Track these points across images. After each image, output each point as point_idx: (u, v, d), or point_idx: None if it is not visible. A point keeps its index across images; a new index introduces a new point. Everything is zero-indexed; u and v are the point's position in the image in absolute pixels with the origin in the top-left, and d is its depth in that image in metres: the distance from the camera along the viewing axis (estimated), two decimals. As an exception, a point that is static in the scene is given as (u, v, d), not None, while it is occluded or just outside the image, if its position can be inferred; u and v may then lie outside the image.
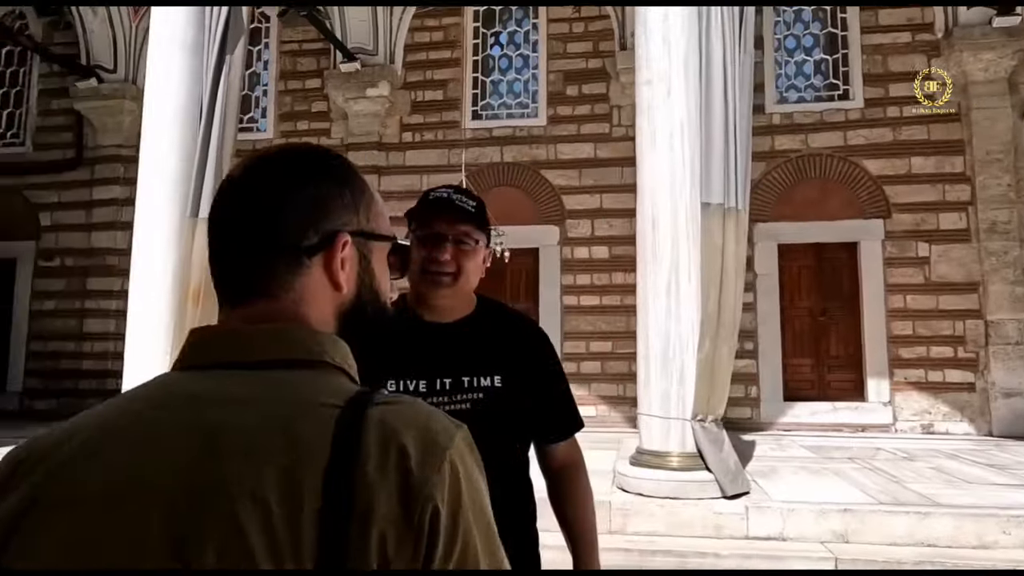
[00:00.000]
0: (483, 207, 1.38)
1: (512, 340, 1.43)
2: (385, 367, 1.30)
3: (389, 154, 9.57)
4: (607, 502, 4.81)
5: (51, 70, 10.68)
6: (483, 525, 0.59)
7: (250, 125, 10.03)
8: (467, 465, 0.59)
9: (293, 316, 0.66)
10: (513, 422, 1.37)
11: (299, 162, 0.69)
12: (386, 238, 0.75)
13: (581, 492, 1.49)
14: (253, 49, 10.15)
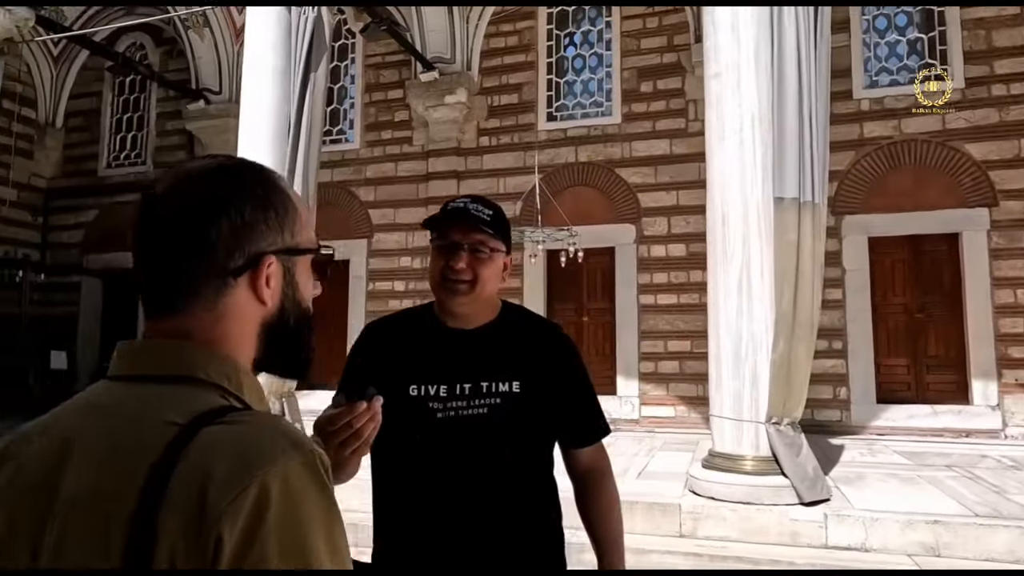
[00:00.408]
0: (500, 216, 1.38)
1: (533, 346, 1.42)
2: (409, 372, 1.34)
3: (467, 159, 9.71)
4: (676, 505, 4.68)
5: (166, 95, 11.57)
6: (294, 549, 0.55)
7: (339, 137, 10.47)
8: (289, 489, 0.56)
9: (206, 332, 0.68)
10: (531, 427, 1.36)
11: (225, 186, 0.70)
12: (309, 251, 0.76)
13: (605, 497, 1.46)
14: (340, 65, 10.59)
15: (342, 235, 10.01)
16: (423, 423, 1.31)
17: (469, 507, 1.29)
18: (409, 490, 1.33)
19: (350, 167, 10.23)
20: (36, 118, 12.17)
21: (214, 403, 0.63)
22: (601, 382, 8.93)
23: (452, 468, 1.29)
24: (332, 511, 0.60)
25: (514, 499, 1.32)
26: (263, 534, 0.54)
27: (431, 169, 9.76)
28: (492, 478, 1.31)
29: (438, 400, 1.32)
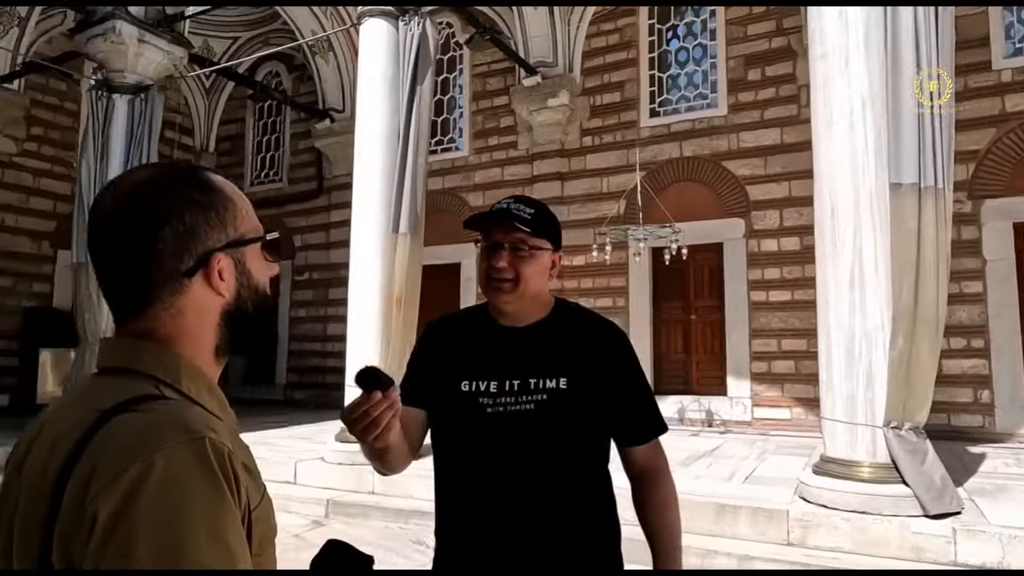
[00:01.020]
0: (542, 214, 1.37)
1: (584, 343, 1.39)
2: (461, 369, 1.36)
3: (570, 160, 9.65)
4: (784, 512, 4.38)
5: (298, 116, 12.46)
6: (159, 544, 0.56)
7: (449, 145, 10.77)
8: (168, 472, 0.58)
9: (164, 328, 0.73)
10: (579, 423, 1.33)
11: (162, 196, 0.73)
12: (255, 240, 0.80)
13: (661, 497, 1.42)
14: (450, 76, 10.90)
15: (453, 239, 10.25)
16: (474, 418, 1.32)
17: (518, 501, 1.29)
18: (461, 484, 1.35)
19: (459, 174, 10.50)
20: (193, 144, 13.56)
21: (140, 392, 0.67)
22: (710, 382, 8.55)
23: (501, 463, 1.30)
24: (216, 497, 0.60)
25: (563, 494, 1.31)
26: (133, 513, 0.56)
27: (536, 172, 9.79)
28: (540, 473, 1.30)
29: (488, 396, 1.33)
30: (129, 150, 8.36)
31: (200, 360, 0.76)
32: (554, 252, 1.39)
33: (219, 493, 0.61)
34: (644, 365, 7.27)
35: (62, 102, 11.61)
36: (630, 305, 9.04)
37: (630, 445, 1.42)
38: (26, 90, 10.96)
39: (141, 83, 8.52)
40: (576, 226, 9.34)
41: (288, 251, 12.26)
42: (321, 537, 4.81)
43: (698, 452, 6.53)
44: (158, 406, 0.66)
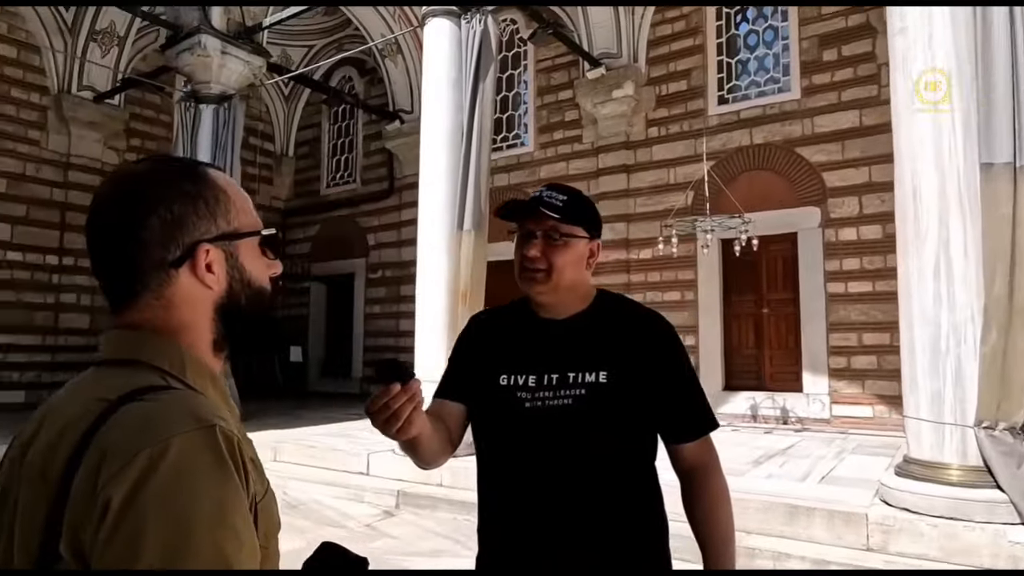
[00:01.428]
0: (576, 201, 1.31)
1: (626, 335, 1.31)
2: (500, 362, 1.32)
3: (636, 151, 9.42)
4: (863, 515, 4.11)
5: (369, 119, 12.76)
6: (169, 528, 0.57)
7: (514, 141, 10.75)
8: (178, 459, 0.59)
9: (160, 320, 0.73)
10: (619, 419, 1.26)
11: (153, 186, 0.73)
12: (248, 234, 0.78)
13: (710, 496, 1.33)
14: (514, 72, 10.86)
15: (519, 235, 10.28)
16: (512, 413, 1.27)
17: (556, 499, 1.23)
18: (501, 481, 1.31)
19: (525, 169, 10.46)
20: (274, 150, 14.15)
21: (146, 383, 0.67)
22: (784, 378, 8.16)
23: (540, 459, 1.25)
24: (226, 483, 0.61)
25: (603, 491, 1.25)
26: (143, 497, 0.57)
27: (601, 165, 9.63)
28: (579, 469, 1.24)
29: (526, 390, 1.28)
30: (215, 156, 8.78)
31: (200, 352, 0.75)
32: (591, 240, 1.33)
33: (228, 479, 0.61)
34: (714, 360, 7.03)
35: (157, 114, 12.35)
36: (699, 299, 8.74)
37: (677, 442, 1.33)
38: (126, 104, 11.73)
39: (224, 93, 8.93)
40: (643, 219, 9.13)
41: (362, 249, 12.60)
42: (392, 527, 4.90)
43: (771, 451, 6.25)
44: (166, 395, 0.66)
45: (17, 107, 10.61)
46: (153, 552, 0.56)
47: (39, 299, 10.63)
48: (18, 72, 10.65)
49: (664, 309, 8.64)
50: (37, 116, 10.82)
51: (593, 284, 1.38)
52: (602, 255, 6.39)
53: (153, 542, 0.56)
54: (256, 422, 8.29)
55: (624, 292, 9.06)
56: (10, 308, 10.26)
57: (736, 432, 7.50)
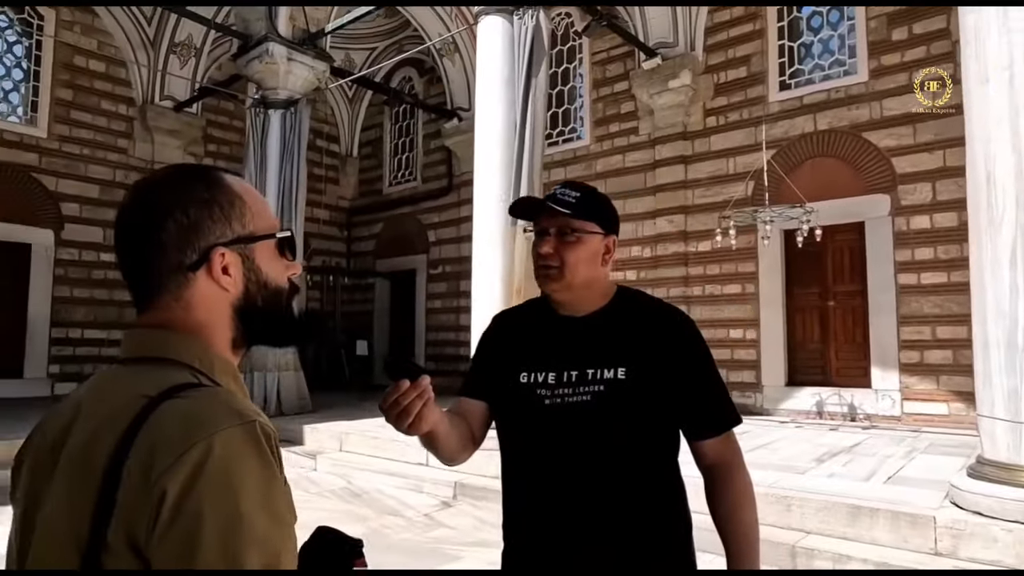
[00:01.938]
0: (588, 197, 1.29)
1: (645, 331, 1.30)
2: (520, 359, 1.32)
3: (694, 142, 9.18)
4: (930, 518, 3.89)
5: (429, 117, 12.95)
6: (224, 513, 0.61)
7: (571, 136, 10.67)
8: (225, 451, 0.62)
9: (179, 321, 0.76)
10: (638, 415, 1.25)
11: (169, 192, 0.76)
12: (263, 237, 0.80)
13: (733, 493, 1.31)
14: (569, 66, 10.78)
15: (576, 229, 10.21)
16: (532, 410, 1.27)
17: (577, 494, 1.23)
18: (523, 478, 1.31)
19: (582, 163, 10.37)
20: (339, 151, 14.57)
21: (181, 380, 0.70)
22: (852, 373, 7.80)
23: (561, 455, 1.25)
24: (267, 472, 0.65)
25: (624, 486, 1.24)
26: (199, 487, 0.61)
27: (657, 157, 9.43)
28: (599, 465, 1.24)
29: (546, 387, 1.27)
30: (282, 159, 9.12)
31: (220, 350, 0.78)
32: (606, 236, 1.31)
33: (269, 469, 0.66)
34: (776, 354, 6.80)
35: (231, 120, 12.93)
36: (760, 291, 8.45)
37: (699, 438, 1.31)
38: (203, 112, 12.34)
39: (291, 97, 9.26)
40: (701, 210, 8.90)
41: (423, 246, 12.83)
42: (449, 517, 4.99)
43: (835, 448, 5.98)
44: (203, 392, 0.69)
45: (108, 118, 11.33)
46: (211, 538, 0.60)
47: (127, 298, 11.30)
48: (108, 85, 11.37)
49: (724, 303, 8.47)
50: (125, 126, 11.52)
51: (614, 281, 1.37)
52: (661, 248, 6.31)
53: (210, 529, 0.60)
54: (323, 413, 8.60)
55: (683, 285, 8.94)
56: (105, 306, 11.00)
57: (800, 429, 7.22)
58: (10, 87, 10.41)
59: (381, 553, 4.11)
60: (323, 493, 5.65)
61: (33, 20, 10.62)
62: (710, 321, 8.83)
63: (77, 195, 10.83)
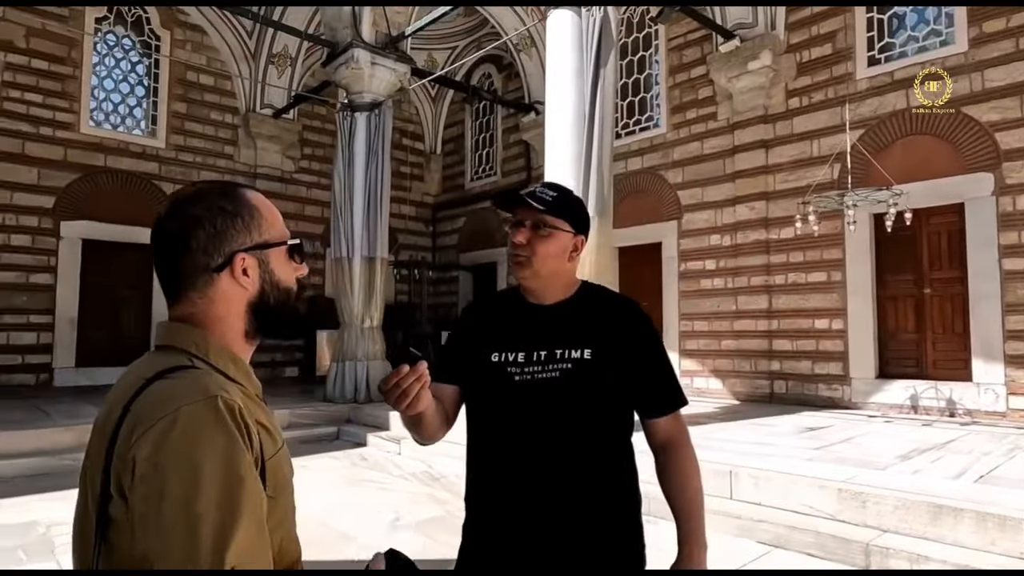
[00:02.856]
0: (564, 198, 1.41)
1: (607, 318, 1.43)
2: (490, 341, 1.44)
3: (775, 125, 8.77)
4: (1021, 520, 3.60)
5: (508, 112, 13.10)
6: (185, 477, 0.71)
7: (647, 124, 10.48)
8: (188, 422, 0.73)
9: (201, 314, 0.90)
10: (602, 391, 1.37)
11: (201, 205, 0.90)
12: (277, 244, 0.94)
13: (681, 468, 1.44)
14: (645, 54, 10.58)
15: (654, 219, 10.05)
16: (502, 386, 1.38)
17: (542, 466, 1.33)
18: (489, 450, 1.41)
19: (658, 152, 10.17)
20: (423, 149, 15.04)
21: (175, 363, 0.83)
22: (951, 366, 7.25)
23: (527, 428, 1.35)
24: (228, 439, 0.74)
25: (586, 460, 1.35)
26: (161, 453, 0.72)
27: (737, 142, 9.09)
28: (564, 439, 1.34)
29: (516, 365, 1.38)
30: (368, 158, 9.53)
31: (229, 340, 0.91)
32: (575, 235, 1.42)
33: (230, 437, 0.75)
34: (865, 345, 6.55)
35: (324, 124, 13.64)
36: (847, 279, 7.98)
37: (651, 417, 1.43)
38: (299, 118, 13.10)
39: (375, 100, 9.67)
40: (783, 196, 8.52)
41: (503, 239, 13.02)
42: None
43: (926, 445, 5.61)
44: (185, 374, 0.81)
45: (216, 127, 12.28)
46: (173, 495, 0.70)
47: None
48: (215, 97, 12.32)
49: (808, 291, 8.13)
50: (230, 134, 12.45)
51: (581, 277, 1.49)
52: (740, 236, 6.22)
53: (173, 486, 0.71)
54: (406, 400, 8.94)
55: (764, 274, 8.63)
56: (214, 300, 11.96)
57: (889, 424, 6.80)
58: (134, 103, 11.49)
59: (455, 535, 4.32)
60: (405, 476, 5.94)
61: (151, 41, 11.66)
62: (793, 311, 8.47)
63: (191, 199, 11.83)
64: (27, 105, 10.14)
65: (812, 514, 4.28)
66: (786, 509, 4.41)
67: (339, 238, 9.32)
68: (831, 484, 4.32)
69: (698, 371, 9.46)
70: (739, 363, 8.98)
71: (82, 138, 10.61)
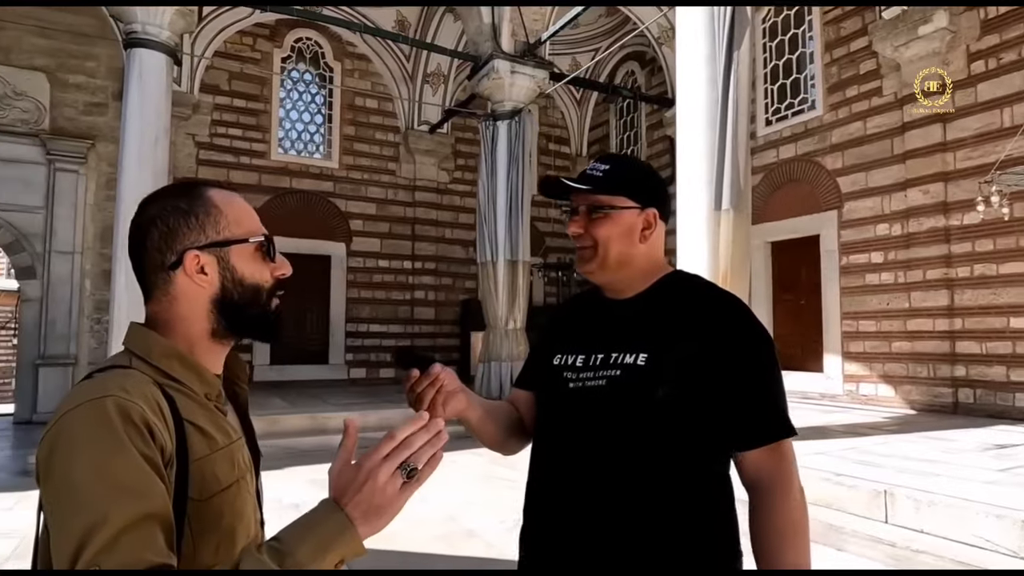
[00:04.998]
0: (618, 168, 1.18)
1: (680, 316, 1.13)
2: (560, 341, 1.26)
3: (955, 95, 7.50)
4: None
5: (652, 109, 12.67)
6: (64, 471, 0.70)
7: (800, 107, 9.54)
8: (70, 427, 0.72)
9: (165, 312, 0.89)
10: (647, 408, 1.07)
11: (157, 204, 0.89)
12: (235, 241, 0.90)
13: (773, 525, 1.07)
14: (797, 32, 9.63)
15: (810, 210, 9.12)
16: (556, 393, 1.19)
17: (586, 488, 1.11)
18: (540, 464, 1.22)
19: (813, 136, 9.19)
20: (569, 152, 15.04)
21: (112, 363, 0.84)
22: None
23: (571, 441, 1.15)
24: (108, 443, 0.70)
25: (636, 487, 1.07)
26: (51, 456, 0.72)
27: (907, 118, 7.93)
28: (610, 458, 1.09)
29: (572, 370, 1.18)
30: (509, 165, 9.74)
31: (193, 338, 0.89)
32: (643, 210, 1.17)
33: (112, 441, 0.71)
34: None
35: (475, 135, 14.15)
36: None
37: (736, 448, 1.10)
38: (451, 131, 13.77)
39: (515, 107, 9.85)
40: (965, 176, 7.29)
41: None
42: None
43: None
44: (105, 375, 0.79)
45: (380, 146, 13.31)
46: (52, 498, 0.70)
47: (400, 297, 13.18)
48: (379, 119, 13.35)
49: (1000, 285, 6.92)
50: (392, 151, 13.41)
51: (670, 264, 1.23)
52: (913, 223, 5.52)
53: (53, 491, 0.70)
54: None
55: (943, 266, 7.44)
56: (382, 305, 12.97)
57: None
58: (313, 130, 12.84)
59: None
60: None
61: (326, 73, 12.94)
62: (982, 308, 7.18)
63: (360, 213, 12.92)
64: (231, 139, 11.74)
65: (988, 548, 3.59)
66: (954, 540, 3.74)
67: (484, 242, 9.62)
68: (1014, 514, 3.59)
69: (864, 376, 8.38)
70: (914, 368, 7.81)
71: (272, 164, 12.06)
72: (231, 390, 1.01)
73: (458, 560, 3.72)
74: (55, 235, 9.28)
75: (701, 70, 6.30)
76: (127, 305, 6.88)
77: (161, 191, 0.91)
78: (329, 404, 8.78)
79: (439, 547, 3.92)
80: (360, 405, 8.59)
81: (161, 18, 7.10)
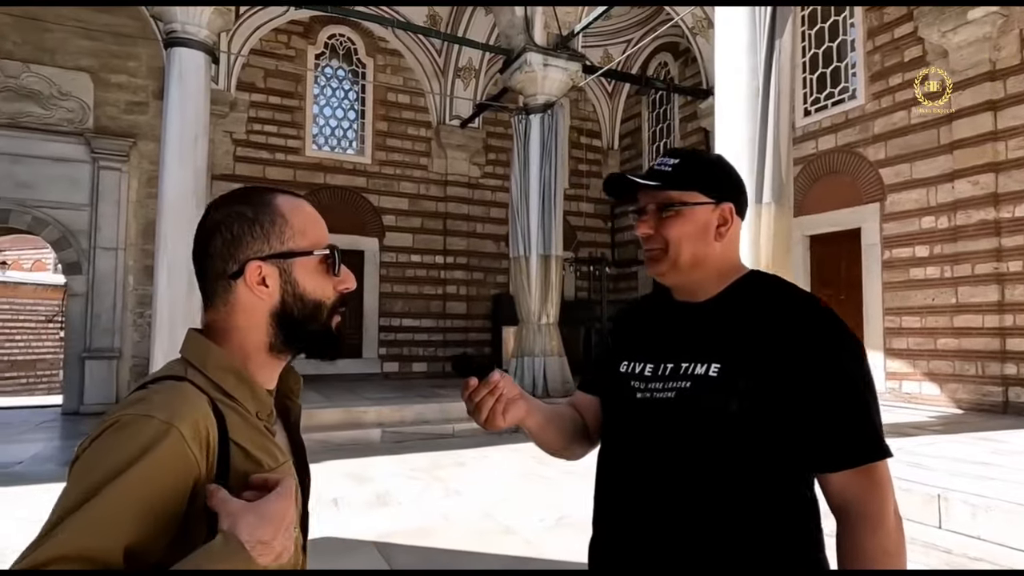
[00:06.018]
0: (688, 162, 1.10)
1: (758, 322, 1.03)
2: (629, 347, 1.18)
3: (1006, 81, 7.17)
4: None
5: (685, 101, 12.43)
6: (82, 477, 0.70)
7: (841, 97, 9.23)
8: (104, 435, 0.72)
9: (223, 322, 0.86)
10: (719, 423, 1.00)
11: (222, 210, 0.86)
12: (300, 253, 0.86)
13: (860, 554, 0.96)
14: (838, 19, 9.32)
15: (851, 202, 8.83)
16: (623, 402, 1.12)
17: (651, 502, 1.05)
18: (607, 474, 1.16)
19: (855, 127, 8.89)
20: (601, 145, 14.86)
21: (168, 372, 0.82)
22: None
23: (641, 455, 1.07)
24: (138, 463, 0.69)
25: (704, 504, 1.00)
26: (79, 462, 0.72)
27: (955, 106, 7.60)
28: (677, 473, 1.02)
29: (641, 379, 1.10)
30: (542, 159, 9.64)
31: (249, 351, 0.86)
32: (717, 205, 1.08)
33: (142, 461, 0.69)
34: None
35: (506, 130, 14.06)
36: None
37: (819, 469, 1.00)
38: (483, 126, 13.70)
39: (548, 101, 9.74)
40: (1019, 166, 6.98)
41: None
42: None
43: None
44: (160, 386, 0.77)
45: (412, 141, 13.32)
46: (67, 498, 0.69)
47: (432, 291, 13.20)
48: (411, 114, 13.35)
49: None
50: (424, 146, 13.41)
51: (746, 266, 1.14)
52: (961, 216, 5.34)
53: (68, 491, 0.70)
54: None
55: (994, 260, 7.14)
56: (414, 299, 13.00)
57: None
58: (347, 126, 12.90)
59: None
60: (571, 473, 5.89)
61: (359, 69, 12.98)
62: (1036, 304, 6.86)
63: (392, 208, 12.96)
64: (266, 136, 11.87)
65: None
66: (1013, 548, 3.56)
67: (516, 237, 9.55)
68: None
69: (908, 374, 8.10)
70: (961, 366, 7.51)
71: (306, 160, 12.16)
72: (282, 404, 0.97)
73: (496, 559, 3.65)
74: (99, 231, 9.50)
75: (742, 60, 6.12)
76: (169, 300, 7.01)
77: (228, 195, 0.88)
78: (363, 398, 8.81)
79: (473, 544, 3.86)
80: (393, 400, 8.60)
81: (200, 17, 7.17)
